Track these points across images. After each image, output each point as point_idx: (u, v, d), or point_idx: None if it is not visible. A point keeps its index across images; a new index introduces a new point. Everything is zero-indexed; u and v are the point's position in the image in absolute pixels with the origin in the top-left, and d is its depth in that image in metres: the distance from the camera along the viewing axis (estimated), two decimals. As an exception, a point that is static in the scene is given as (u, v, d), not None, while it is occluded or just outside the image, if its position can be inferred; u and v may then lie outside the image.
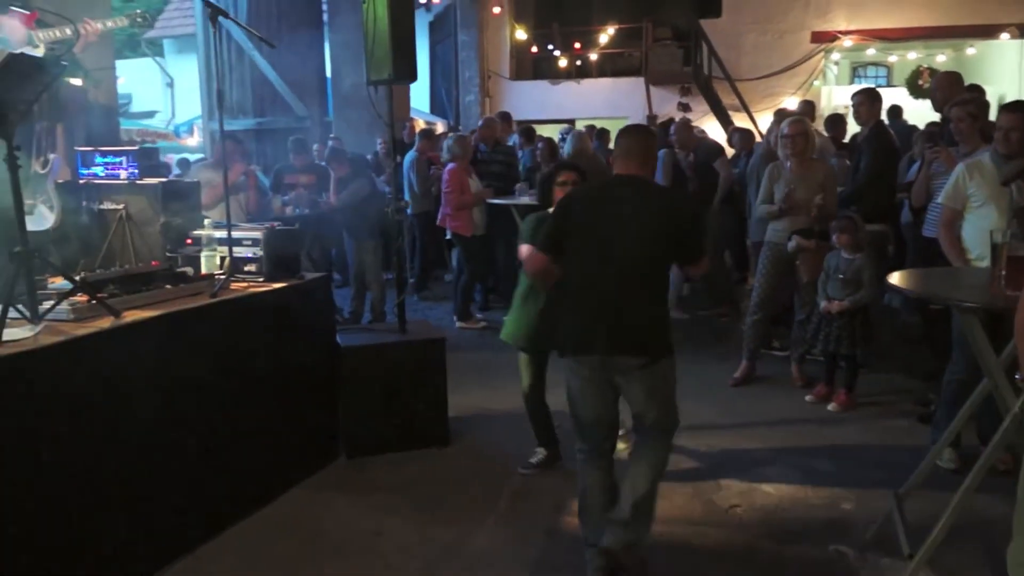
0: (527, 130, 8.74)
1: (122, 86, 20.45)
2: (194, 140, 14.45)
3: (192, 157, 12.05)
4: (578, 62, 15.49)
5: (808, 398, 4.90)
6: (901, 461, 3.70)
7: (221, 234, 3.87)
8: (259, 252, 3.83)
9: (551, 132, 10.93)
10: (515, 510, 3.61)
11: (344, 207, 6.73)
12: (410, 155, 8.41)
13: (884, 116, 8.53)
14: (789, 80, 13.89)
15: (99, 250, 3.90)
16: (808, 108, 7.74)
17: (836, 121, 7.65)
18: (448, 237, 7.40)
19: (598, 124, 12.33)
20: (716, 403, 4.93)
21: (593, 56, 15.21)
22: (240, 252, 3.83)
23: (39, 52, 3.89)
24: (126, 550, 2.93)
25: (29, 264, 2.80)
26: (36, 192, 3.93)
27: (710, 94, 13.57)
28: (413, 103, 16.96)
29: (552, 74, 15.66)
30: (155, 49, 20.14)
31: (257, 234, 3.83)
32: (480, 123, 8.41)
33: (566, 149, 6.65)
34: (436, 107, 16.85)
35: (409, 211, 8.47)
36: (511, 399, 5.05)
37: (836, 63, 15.92)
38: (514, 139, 9.21)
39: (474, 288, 7.39)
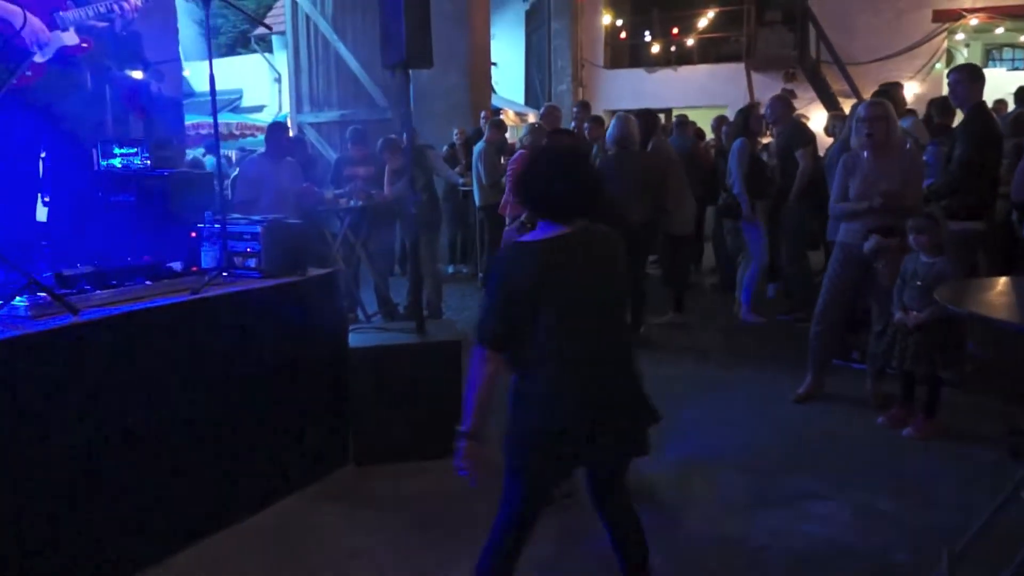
0: (596, 118, 8.27)
1: (234, 81, 21.32)
2: (290, 133, 14.69)
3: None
4: (672, 48, 14.77)
5: (880, 420, 4.28)
6: (981, 504, 3.11)
7: (231, 226, 3.69)
8: (258, 246, 3.63)
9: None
10: (512, 537, 3.25)
11: (397, 199, 6.52)
12: (479, 145, 8.15)
13: (1012, 101, 7.62)
14: (907, 63, 12.71)
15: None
16: (897, 91, 6.93)
17: (944, 106, 6.80)
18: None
19: (696, 113, 11.71)
20: (771, 421, 4.40)
21: (690, 41, 14.46)
22: (238, 246, 3.64)
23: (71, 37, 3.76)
24: (91, 555, 2.79)
25: (-18, 257, 2.68)
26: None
27: (818, 80, 12.61)
28: (507, 94, 16.75)
29: (648, 62, 15.01)
30: (264, 45, 20.75)
31: (256, 227, 3.63)
32: (541, 111, 8.02)
33: (609, 135, 6.15)
34: (530, 98, 16.53)
35: (477, 203, 8.23)
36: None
37: (966, 45, 14.52)
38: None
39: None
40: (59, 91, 3.36)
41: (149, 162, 4.03)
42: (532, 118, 14.00)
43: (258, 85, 20.73)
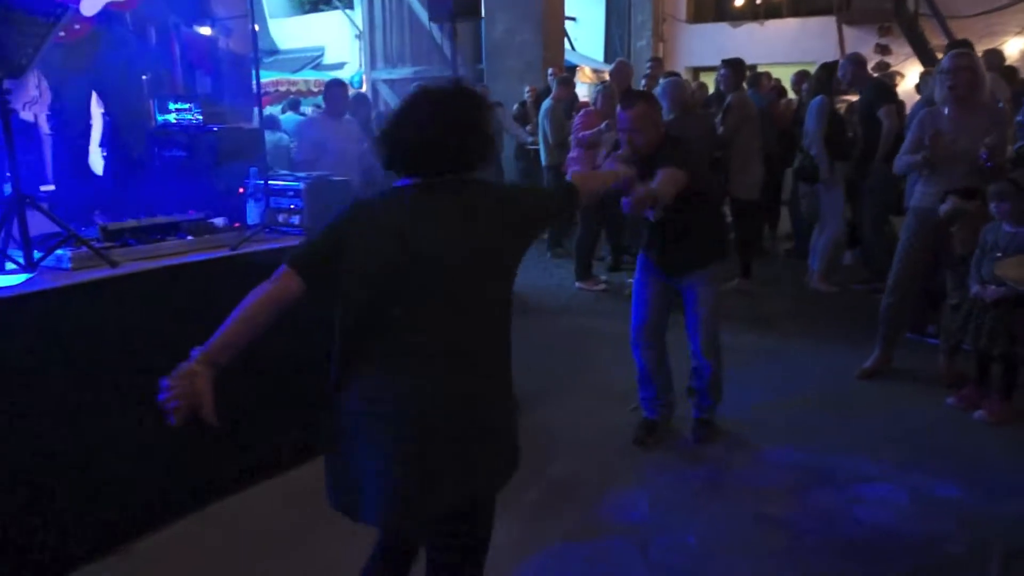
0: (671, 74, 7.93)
1: (316, 38, 21.53)
2: (349, 90, 14.66)
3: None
4: (757, 0, 14.06)
5: (950, 401, 4.01)
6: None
7: (274, 183, 3.70)
8: (301, 203, 3.62)
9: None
10: (545, 502, 3.18)
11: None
12: (546, 103, 7.95)
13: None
14: (1014, 17, 11.71)
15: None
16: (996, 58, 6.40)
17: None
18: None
19: (782, 70, 11.14)
20: (833, 398, 4.17)
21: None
22: (282, 203, 3.64)
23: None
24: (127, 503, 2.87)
25: (21, 209, 2.73)
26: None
27: (915, 35, 11.80)
28: (586, 51, 16.36)
29: (733, 15, 14.35)
30: (345, 2, 20.82)
31: (299, 184, 3.61)
32: (611, 68, 7.75)
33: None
34: (610, 54, 16.07)
35: (543, 162, 8.07)
36: (596, 375, 4.62)
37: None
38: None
39: (592, 246, 6.88)
40: (108, 46, 3.38)
41: (201, 118, 4.04)
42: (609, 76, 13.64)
43: (340, 42, 20.84)
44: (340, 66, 20.61)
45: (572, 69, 13.70)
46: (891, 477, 3.32)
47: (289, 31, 22.32)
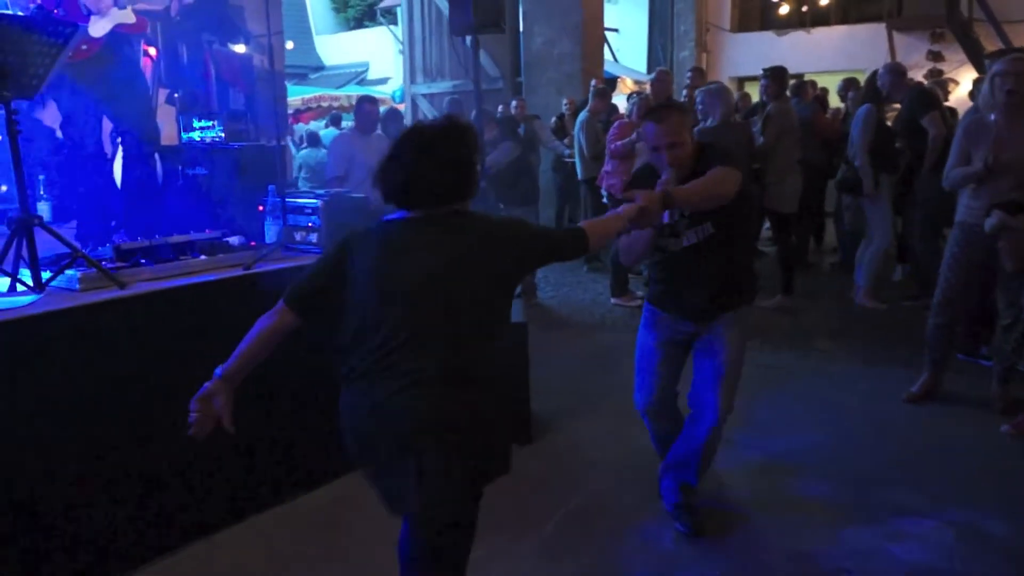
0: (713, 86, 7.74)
1: (361, 54, 21.80)
2: (379, 106, 14.58)
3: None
4: (804, 8, 13.73)
5: (1004, 428, 3.75)
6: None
7: (291, 201, 3.65)
8: (318, 221, 3.56)
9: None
10: (562, 535, 3.04)
11: (488, 172, 6.35)
12: (582, 115, 7.84)
13: None
14: (1077, 20, 11.26)
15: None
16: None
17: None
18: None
19: (829, 79, 10.85)
20: (873, 423, 3.95)
21: (824, 0, 13.38)
22: (300, 220, 3.59)
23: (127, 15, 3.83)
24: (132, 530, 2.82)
25: (30, 230, 2.71)
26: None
27: (968, 40, 11.38)
28: (628, 62, 16.20)
29: (779, 23, 14.05)
30: (390, 18, 21.02)
31: (316, 201, 3.55)
32: (652, 77, 7.60)
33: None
34: (652, 65, 15.88)
35: (579, 175, 7.94)
36: (627, 394, 4.46)
37: None
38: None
39: (626, 276, 6.72)
40: (116, 66, 3.38)
41: (223, 135, 4.03)
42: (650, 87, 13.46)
43: (384, 58, 21.06)
44: (384, 81, 20.84)
45: (613, 80, 13.58)
46: (936, 512, 3.10)
47: (335, 47, 22.66)
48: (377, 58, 21.23)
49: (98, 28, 3.25)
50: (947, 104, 7.14)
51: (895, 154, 5.97)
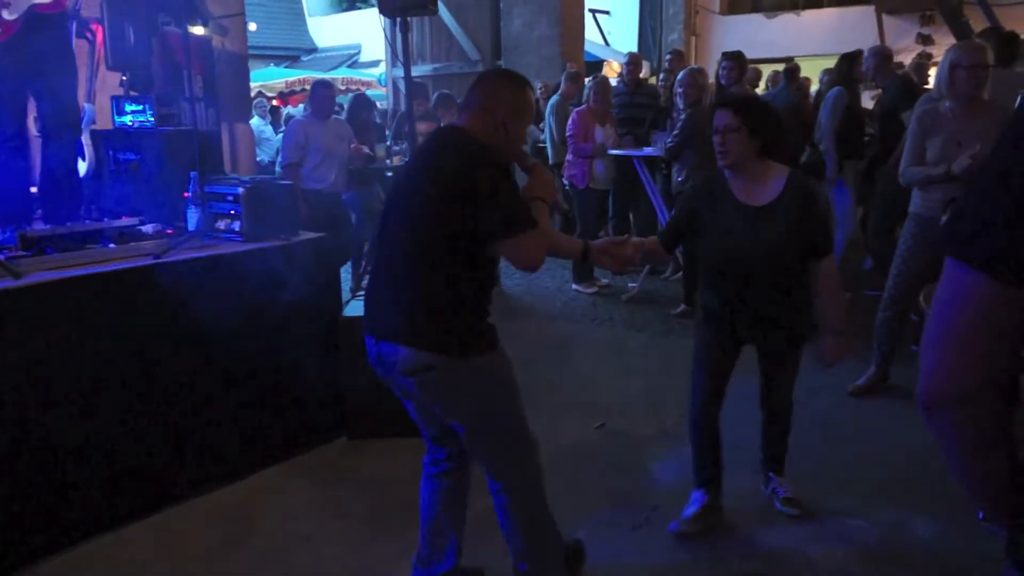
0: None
1: (353, 36, 21.57)
2: (333, 90, 14.33)
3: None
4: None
5: (946, 424, 3.66)
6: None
7: (211, 188, 3.56)
8: (240, 209, 3.46)
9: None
10: (475, 533, 2.97)
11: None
12: (553, 99, 7.72)
13: None
14: (1069, 2, 11.04)
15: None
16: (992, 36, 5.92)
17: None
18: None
19: (819, 62, 10.69)
20: (822, 418, 3.85)
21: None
22: (223, 208, 3.50)
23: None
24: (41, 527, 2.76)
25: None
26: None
27: (958, 23, 11.16)
28: (619, 45, 16.00)
29: (768, 6, 13.85)
30: (382, 0, 20.77)
31: (237, 189, 3.46)
32: (625, 59, 7.47)
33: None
34: (643, 48, 15.70)
35: (549, 160, 7.83)
36: (572, 391, 4.38)
37: None
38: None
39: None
40: (35, 48, 3.27)
41: (152, 120, 3.93)
42: (645, 71, 13.23)
43: (376, 40, 20.81)
44: (376, 63, 20.64)
45: (599, 64, 13.40)
46: (864, 512, 3.02)
47: (328, 29, 22.44)
48: (369, 40, 21.01)
49: (10, 11, 3.15)
50: (927, 87, 6.99)
51: (861, 140, 5.84)
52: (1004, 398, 0.98)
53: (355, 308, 3.89)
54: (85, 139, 4.14)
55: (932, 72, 8.40)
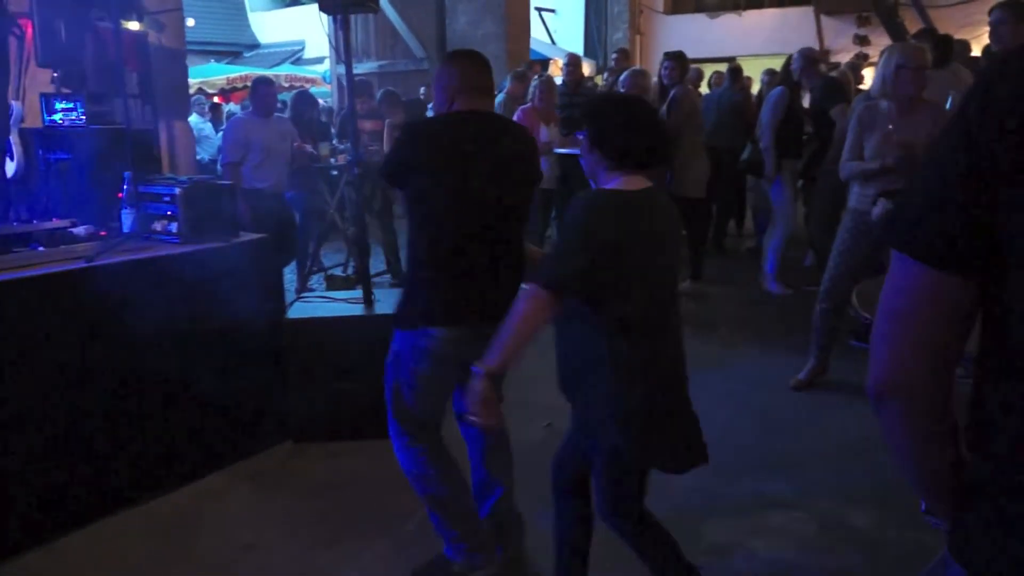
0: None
1: (296, 32, 21.22)
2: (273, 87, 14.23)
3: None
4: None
5: (882, 416, 3.76)
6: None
7: (147, 188, 3.46)
8: (177, 210, 3.37)
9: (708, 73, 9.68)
10: (422, 536, 2.95)
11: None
12: (499, 98, 7.71)
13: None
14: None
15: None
16: (963, 47, 6.13)
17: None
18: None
19: (761, 62, 10.88)
20: (755, 411, 3.94)
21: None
22: (160, 209, 3.40)
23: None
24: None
25: None
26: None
27: (894, 24, 11.49)
28: (566, 44, 16.06)
29: (711, 6, 14.06)
30: (326, -5, 20.50)
31: (174, 189, 3.37)
32: (565, 58, 7.50)
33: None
34: (589, 47, 15.82)
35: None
36: (523, 383, 4.37)
37: (1074, -18, 13.04)
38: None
39: (541, 237, 6.64)
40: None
41: (84, 118, 3.81)
42: (588, 69, 13.32)
43: (320, 36, 20.51)
44: (320, 60, 20.36)
45: (545, 62, 13.43)
46: (804, 503, 3.09)
47: (271, 25, 22.04)
48: (313, 36, 20.69)
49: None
50: (861, 88, 7.18)
51: (800, 139, 5.98)
52: (949, 389, 1.00)
53: (299, 310, 3.84)
54: (13, 138, 3.99)
55: (867, 71, 8.68)
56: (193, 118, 8.97)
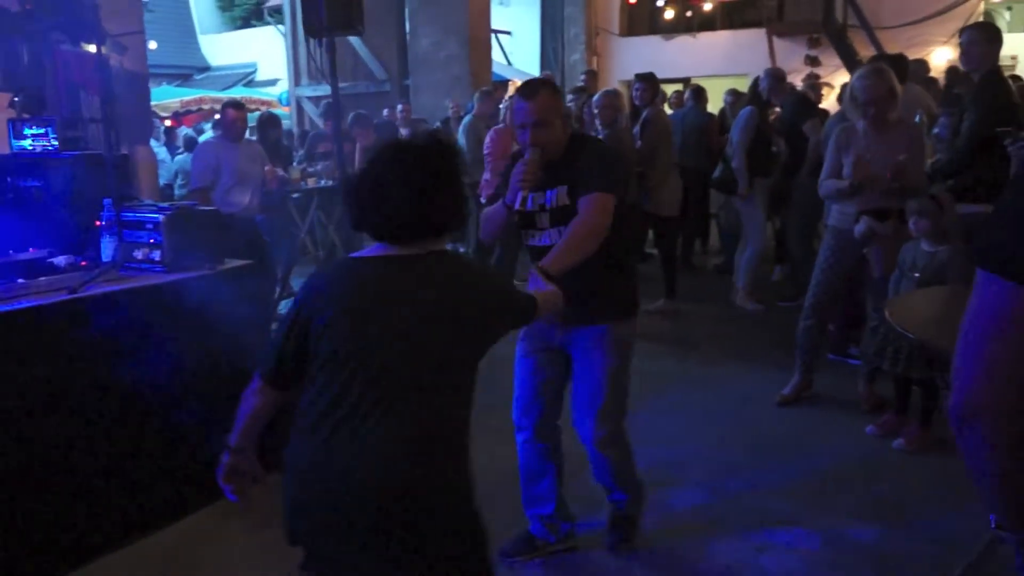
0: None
1: (249, 55, 20.99)
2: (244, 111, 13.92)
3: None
4: (689, 13, 14.04)
5: (870, 429, 3.82)
6: (968, 536, 2.68)
7: (127, 215, 3.35)
8: (161, 238, 3.27)
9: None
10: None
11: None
12: (466, 119, 7.71)
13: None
14: (940, 27, 11.86)
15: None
16: (920, 67, 6.33)
17: (959, 75, 6.19)
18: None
19: (715, 83, 11.10)
20: (745, 428, 3.96)
21: (708, 6, 13.71)
22: (141, 237, 3.29)
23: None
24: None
25: None
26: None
27: (843, 45, 11.87)
28: (521, 65, 16.18)
29: (666, 28, 14.31)
30: (278, 17, 20.35)
31: (158, 216, 3.27)
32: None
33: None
34: (545, 68, 15.94)
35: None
36: (505, 412, 4.33)
37: (1008, 7, 13.63)
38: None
39: (512, 269, 6.61)
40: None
41: (56, 143, 3.68)
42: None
43: (273, 58, 20.33)
44: (273, 82, 20.15)
45: (504, 83, 13.51)
46: (804, 519, 3.10)
47: (222, 47, 21.75)
48: (266, 59, 20.46)
49: None
50: (821, 107, 7.37)
51: (770, 159, 6.09)
52: None
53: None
54: (-21, 164, 3.84)
55: (825, 92, 8.90)
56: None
